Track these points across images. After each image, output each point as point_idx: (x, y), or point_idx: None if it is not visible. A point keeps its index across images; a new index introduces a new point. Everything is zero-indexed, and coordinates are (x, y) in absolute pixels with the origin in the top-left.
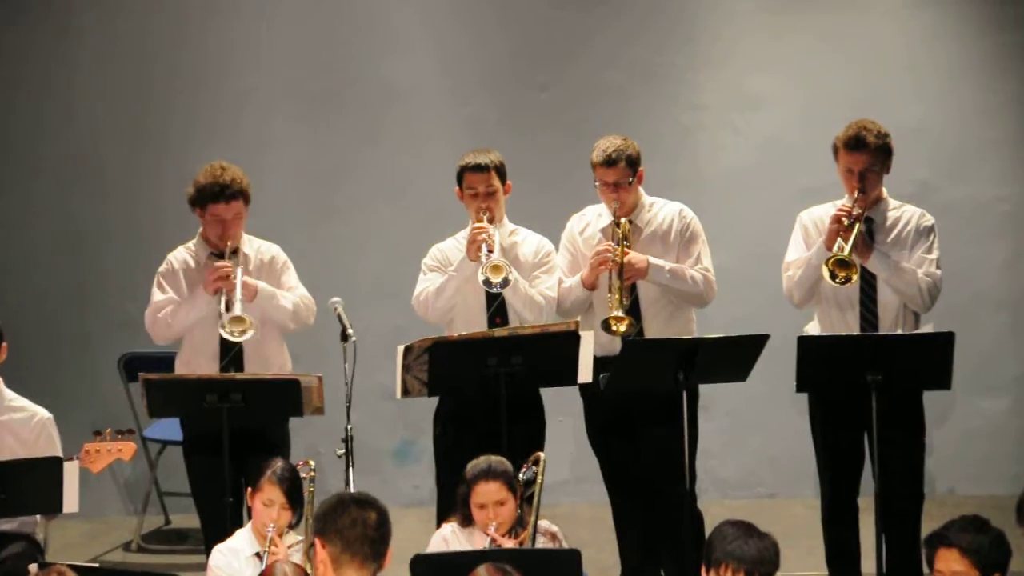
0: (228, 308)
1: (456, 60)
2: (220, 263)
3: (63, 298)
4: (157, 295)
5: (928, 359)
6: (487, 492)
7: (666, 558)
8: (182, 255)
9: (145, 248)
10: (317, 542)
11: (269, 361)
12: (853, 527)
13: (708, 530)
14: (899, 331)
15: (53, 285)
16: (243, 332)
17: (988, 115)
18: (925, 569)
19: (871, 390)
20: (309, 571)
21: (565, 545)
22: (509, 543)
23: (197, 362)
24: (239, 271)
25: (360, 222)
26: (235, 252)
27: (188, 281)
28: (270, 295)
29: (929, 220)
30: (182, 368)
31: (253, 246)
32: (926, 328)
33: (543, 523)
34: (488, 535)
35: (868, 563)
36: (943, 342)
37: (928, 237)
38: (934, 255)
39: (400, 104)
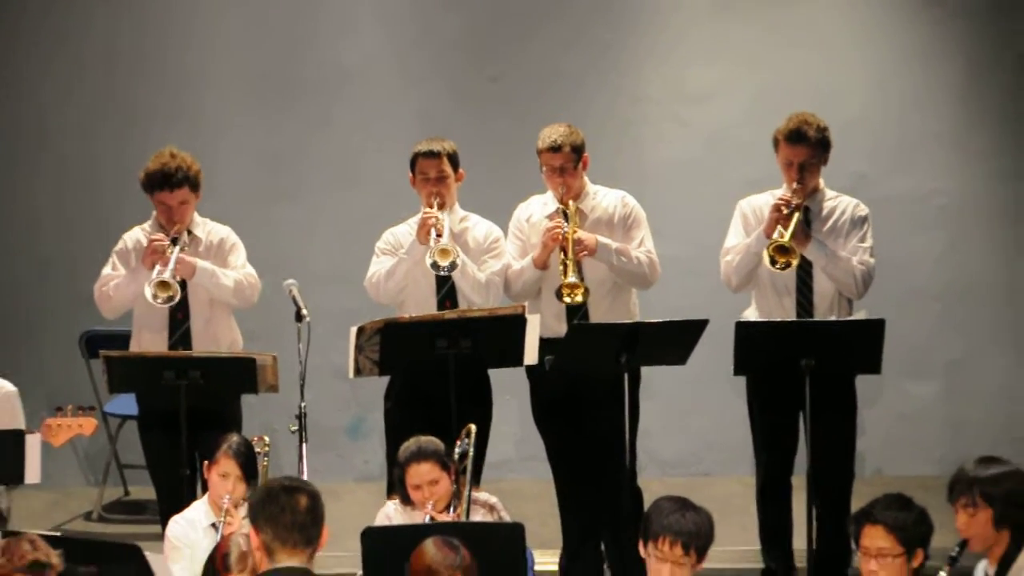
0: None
1: (408, 44)
2: (154, 237)
3: (24, 277)
4: (106, 270)
5: (860, 344)
6: (419, 473)
7: (606, 533)
8: (136, 234)
9: (104, 228)
10: (251, 531)
11: (219, 339)
12: (786, 504)
13: (647, 506)
14: (833, 317)
15: (13, 264)
16: (169, 298)
17: (926, 108)
18: (852, 545)
19: (805, 374)
20: None
21: (504, 516)
22: (447, 519)
23: (143, 336)
24: (176, 249)
25: (314, 205)
26: (189, 233)
27: (138, 258)
28: (210, 273)
29: (864, 210)
30: (133, 342)
31: (205, 228)
32: (859, 315)
33: (481, 495)
34: (426, 513)
35: (799, 539)
36: (874, 328)
37: (862, 227)
38: (868, 244)
39: (352, 87)
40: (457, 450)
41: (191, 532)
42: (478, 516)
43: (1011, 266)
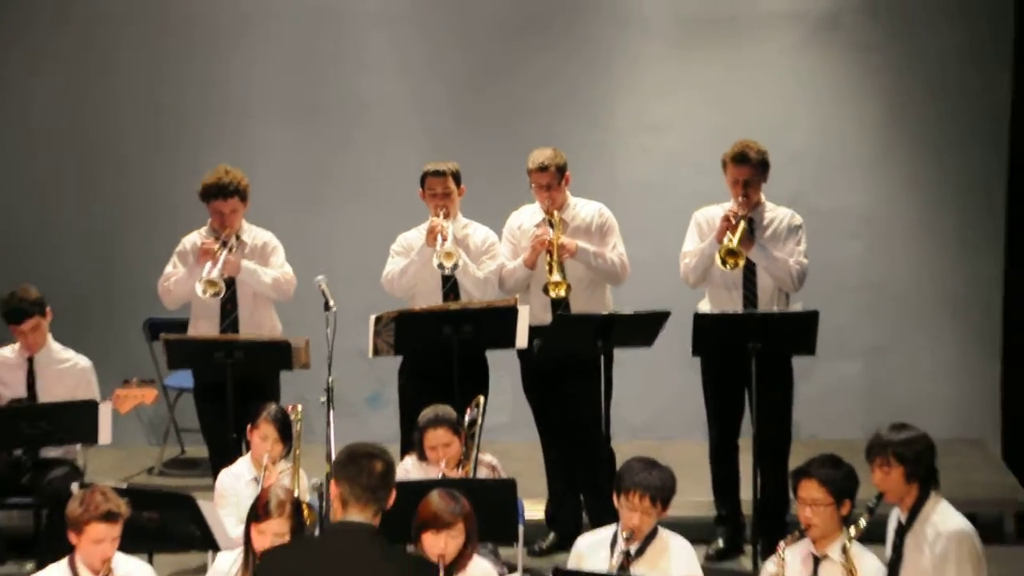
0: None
1: (418, 78)
2: (205, 241)
3: (97, 273)
4: (168, 268)
5: (797, 331)
6: (435, 437)
7: (585, 487)
8: (193, 237)
9: (160, 231)
10: (332, 483)
11: (261, 325)
12: (734, 463)
13: (619, 465)
14: (774, 309)
15: (89, 264)
16: (216, 293)
17: (849, 137)
18: (791, 496)
19: (751, 355)
20: (296, 492)
21: (503, 475)
22: (457, 475)
23: (199, 323)
24: (224, 251)
25: (338, 214)
26: (237, 238)
27: (195, 258)
28: (252, 271)
29: (798, 219)
30: (191, 328)
31: (251, 233)
32: (796, 307)
33: (485, 456)
34: (439, 470)
35: (745, 491)
36: (809, 318)
37: (797, 233)
38: (802, 247)
39: (369, 115)
40: (467, 417)
41: (237, 484)
42: (483, 474)
43: (920, 266)
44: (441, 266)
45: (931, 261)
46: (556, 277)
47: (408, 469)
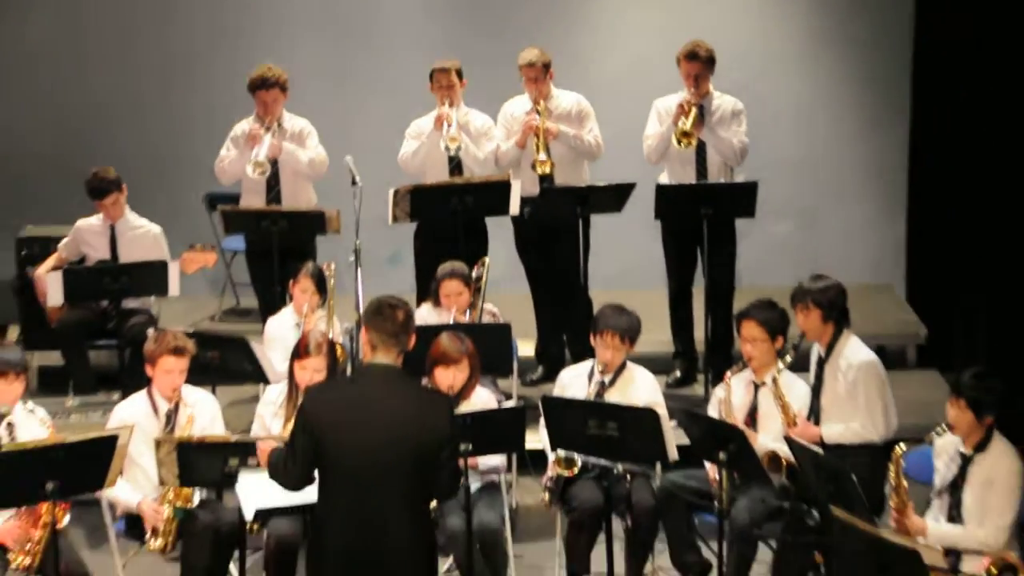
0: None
1: None
2: (252, 127)
3: (165, 155)
4: (223, 152)
5: (739, 198)
6: (450, 287)
7: (568, 328)
8: (243, 125)
9: (216, 118)
10: (363, 330)
11: (300, 198)
12: (689, 308)
13: (595, 310)
14: (721, 180)
15: (159, 149)
16: (262, 172)
17: (782, 36)
18: (735, 334)
19: (703, 219)
20: (331, 335)
21: (501, 320)
22: (465, 319)
23: (249, 197)
24: (268, 136)
25: (363, 104)
26: (279, 125)
27: (245, 142)
28: (292, 152)
29: (740, 105)
30: (242, 201)
31: (290, 121)
32: (739, 178)
33: (487, 305)
34: (452, 316)
35: (699, 331)
36: (749, 187)
37: (739, 117)
38: (743, 128)
39: (386, 21)
40: (474, 274)
41: (282, 329)
42: (485, 319)
43: (839, 140)
44: (447, 148)
45: (848, 135)
46: (542, 156)
47: (424, 315)
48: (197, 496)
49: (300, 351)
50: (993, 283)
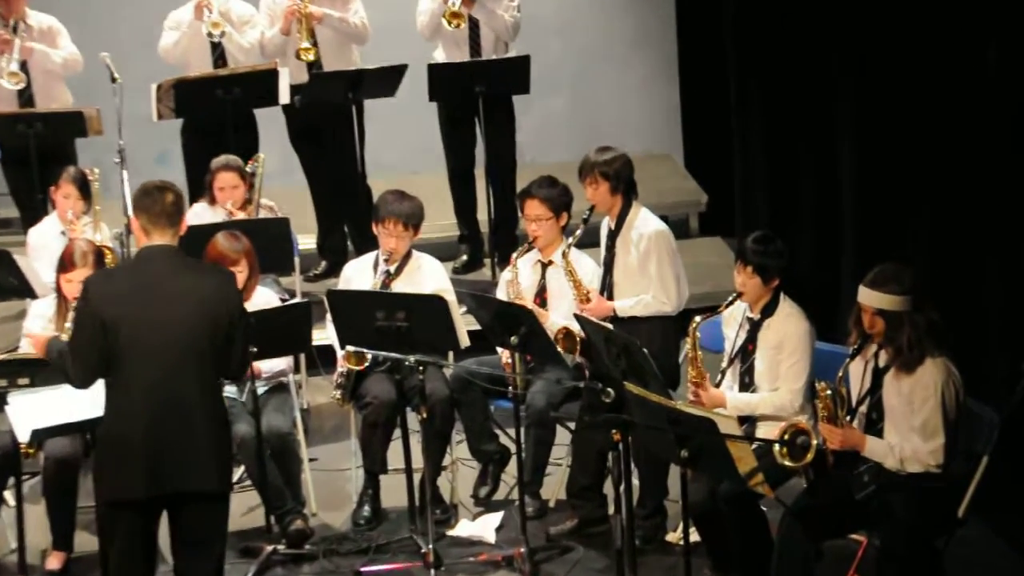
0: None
1: None
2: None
3: None
4: None
5: (514, 74)
6: (224, 179)
7: (349, 219)
8: None
9: None
10: (132, 217)
11: (54, 99)
12: (471, 189)
13: (375, 198)
14: (495, 56)
15: None
16: (17, 82)
17: None
18: (519, 213)
19: (478, 97)
20: (97, 242)
21: (279, 214)
22: (241, 215)
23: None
24: (16, 38)
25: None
26: (25, 24)
27: None
28: (44, 54)
29: None
30: None
31: (36, 18)
32: (512, 54)
33: (264, 200)
34: (226, 211)
35: (482, 213)
36: (523, 62)
37: None
38: (516, 3)
39: None
40: (249, 169)
41: (46, 239)
42: (264, 214)
43: (607, 9)
44: (210, 34)
45: (616, 3)
46: (305, 43)
47: (198, 213)
48: None
49: (66, 263)
50: (771, 146)
